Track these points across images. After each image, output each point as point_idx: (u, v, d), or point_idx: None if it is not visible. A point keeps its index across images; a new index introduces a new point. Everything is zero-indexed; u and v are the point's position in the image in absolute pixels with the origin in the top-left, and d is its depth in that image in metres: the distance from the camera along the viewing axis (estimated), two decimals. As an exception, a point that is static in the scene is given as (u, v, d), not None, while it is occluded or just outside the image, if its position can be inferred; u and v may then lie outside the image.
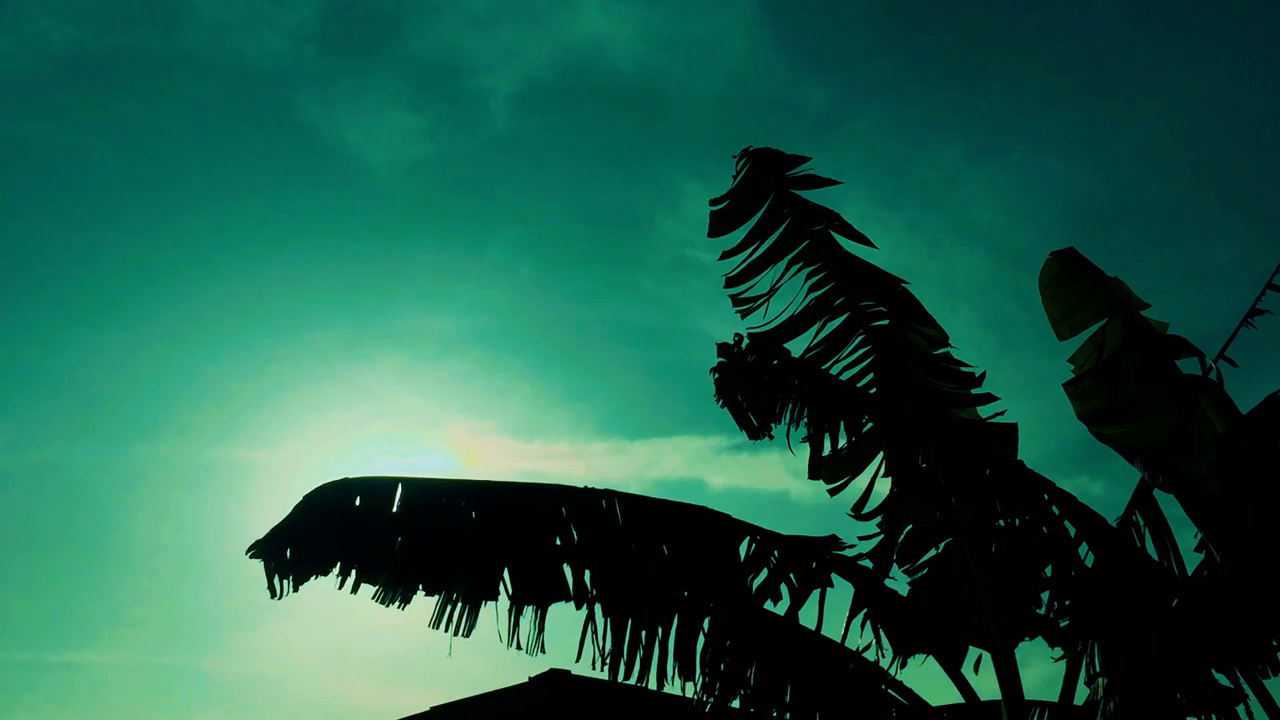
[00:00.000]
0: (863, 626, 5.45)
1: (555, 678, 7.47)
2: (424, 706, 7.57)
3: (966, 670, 5.55)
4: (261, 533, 5.06)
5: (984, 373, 5.41)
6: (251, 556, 5.01)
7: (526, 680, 7.52)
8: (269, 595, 4.80)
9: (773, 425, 5.10)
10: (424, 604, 5.17)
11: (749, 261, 5.57)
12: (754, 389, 5.00)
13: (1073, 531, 5.27)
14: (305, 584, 4.84)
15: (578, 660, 5.31)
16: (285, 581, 4.88)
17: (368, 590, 5.04)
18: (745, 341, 5.16)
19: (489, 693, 7.45)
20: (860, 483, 5.58)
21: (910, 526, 5.49)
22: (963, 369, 5.42)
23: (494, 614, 5.15)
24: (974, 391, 5.39)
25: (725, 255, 5.59)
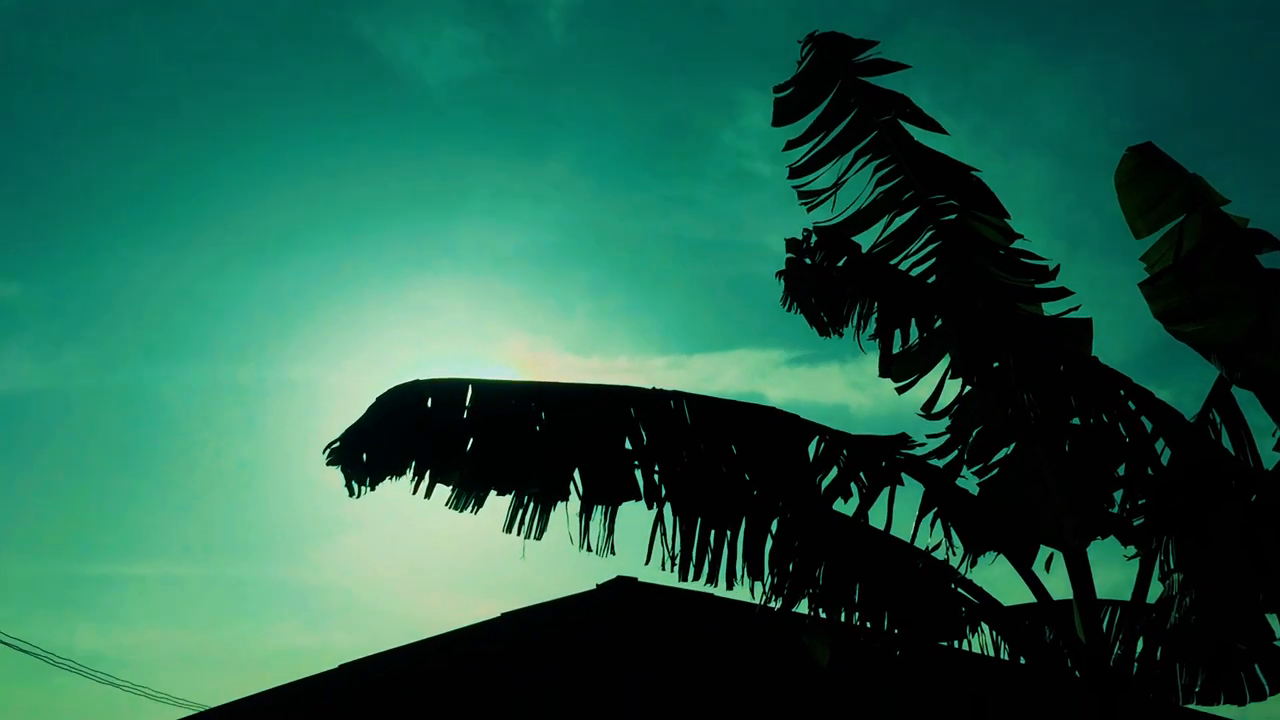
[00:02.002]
0: (932, 526, 5.43)
1: (622, 584, 7.58)
2: (493, 614, 7.74)
3: (1038, 569, 5.53)
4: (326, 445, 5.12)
5: (1058, 266, 5.30)
6: (328, 461, 5.08)
7: (594, 587, 7.65)
8: (347, 494, 4.89)
9: (845, 321, 5.06)
10: (493, 517, 5.21)
11: (815, 152, 5.46)
12: (823, 286, 4.95)
13: (1149, 428, 5.18)
14: (380, 484, 4.91)
15: (646, 562, 5.33)
16: (363, 486, 4.95)
17: (437, 504, 5.11)
18: (814, 239, 5.09)
19: (558, 599, 7.59)
20: (929, 382, 5.54)
21: (981, 426, 5.44)
22: (1036, 262, 5.31)
23: (564, 518, 5.19)
24: (1047, 286, 5.29)
25: (790, 145, 5.48)
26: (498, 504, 5.19)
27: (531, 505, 5.09)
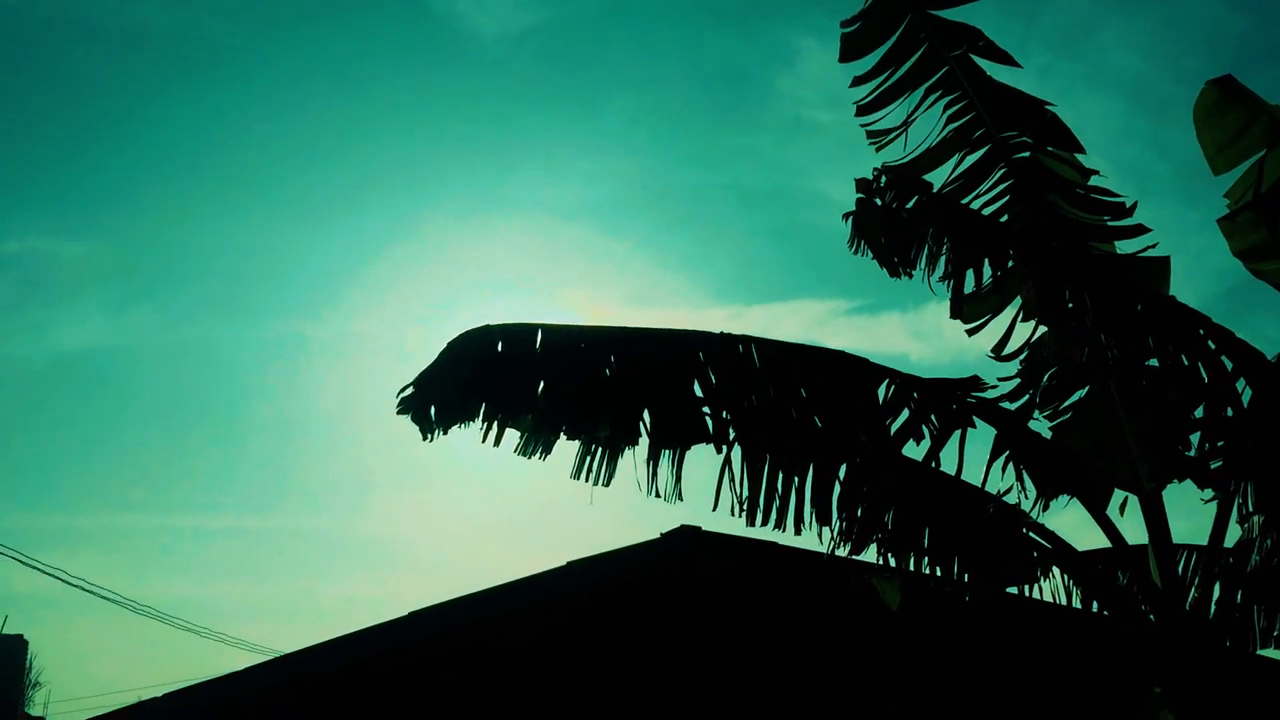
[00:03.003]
0: (1004, 469, 5.35)
1: (686, 533, 7.62)
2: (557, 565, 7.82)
3: (1112, 513, 5.46)
4: (392, 399, 5.16)
5: (1135, 203, 5.18)
6: (399, 410, 5.10)
7: (659, 536, 7.70)
8: (419, 441, 4.93)
9: (913, 264, 4.98)
10: (559, 468, 5.21)
11: (883, 89, 5.36)
12: (893, 226, 4.87)
13: (1229, 368, 5.06)
14: (452, 428, 4.95)
15: (714, 508, 5.31)
16: (436, 430, 4.99)
17: (501, 460, 5.11)
18: (884, 179, 5.01)
19: (623, 548, 7.65)
20: (999, 325, 5.46)
21: (1054, 368, 5.36)
22: (1111, 199, 5.19)
23: (632, 465, 5.18)
24: (1124, 223, 5.17)
25: (857, 81, 5.39)
26: (563, 457, 5.20)
27: (599, 451, 5.09)
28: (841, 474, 5.26)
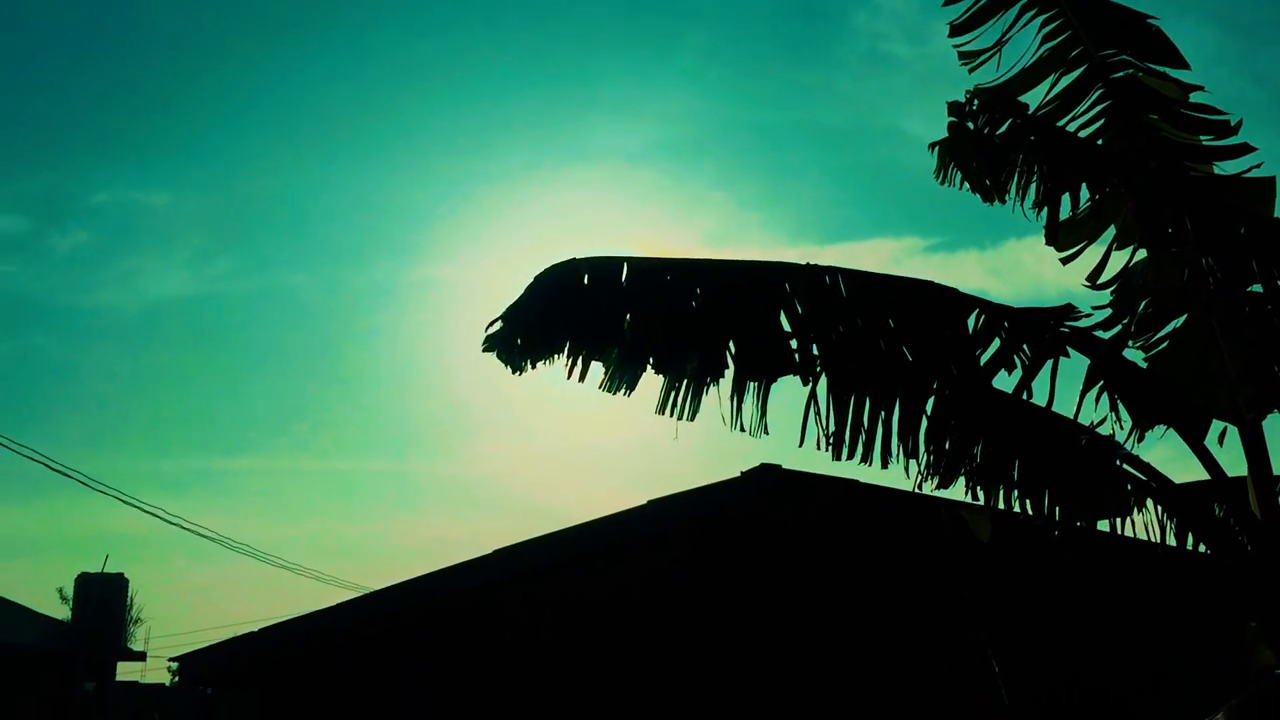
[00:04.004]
0: (1097, 400, 5.25)
1: (767, 471, 7.62)
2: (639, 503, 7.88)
3: (1211, 444, 5.33)
4: (471, 341, 5.18)
5: (1240, 120, 4.98)
6: (485, 348, 5.12)
7: (739, 474, 7.71)
8: (510, 373, 4.96)
9: (1006, 189, 4.86)
10: (644, 408, 5.20)
11: (977, 8, 5.20)
12: (986, 150, 4.75)
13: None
14: (540, 363, 4.96)
15: (800, 444, 5.26)
16: (523, 364, 5.01)
17: (584, 395, 5.10)
18: (976, 102, 4.88)
19: (703, 486, 7.68)
20: (1094, 252, 5.32)
21: (1150, 295, 5.22)
22: (1216, 117, 5.00)
23: (716, 402, 5.15)
24: (1228, 143, 4.98)
25: (949, 0, 5.25)
26: (645, 395, 5.19)
27: (685, 384, 5.07)
28: (929, 406, 5.19)
